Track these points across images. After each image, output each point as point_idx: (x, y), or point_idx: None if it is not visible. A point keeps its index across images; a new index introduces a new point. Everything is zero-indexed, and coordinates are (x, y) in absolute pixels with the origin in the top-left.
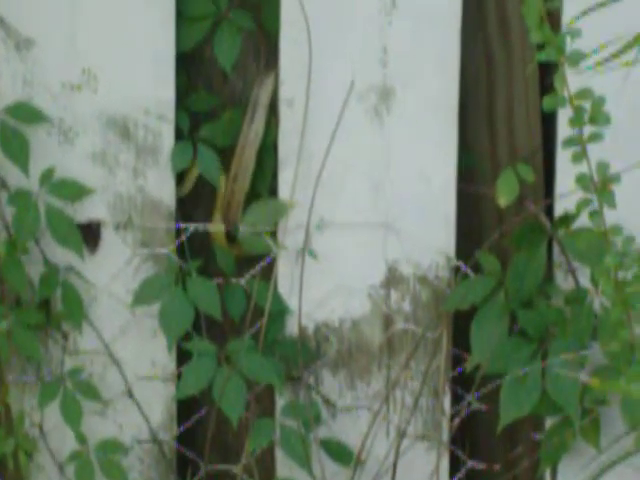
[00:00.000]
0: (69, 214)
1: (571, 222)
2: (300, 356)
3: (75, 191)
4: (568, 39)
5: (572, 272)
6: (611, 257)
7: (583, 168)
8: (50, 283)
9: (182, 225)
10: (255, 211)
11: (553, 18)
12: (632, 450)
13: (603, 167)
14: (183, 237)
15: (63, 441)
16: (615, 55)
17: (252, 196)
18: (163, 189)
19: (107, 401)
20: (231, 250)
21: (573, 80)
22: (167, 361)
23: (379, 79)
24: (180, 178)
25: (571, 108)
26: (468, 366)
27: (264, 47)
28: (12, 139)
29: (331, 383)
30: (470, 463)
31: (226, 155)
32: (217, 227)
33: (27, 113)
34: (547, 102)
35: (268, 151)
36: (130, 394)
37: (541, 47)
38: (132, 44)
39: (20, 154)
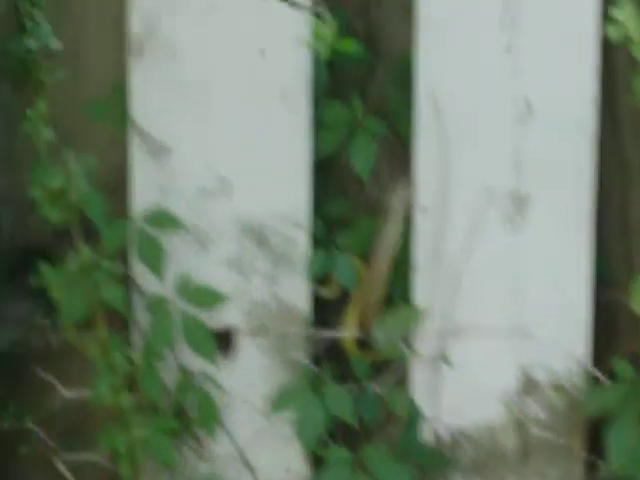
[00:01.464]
0: (204, 321)
1: None
2: (434, 463)
3: (210, 298)
4: None
5: None
6: None
7: None
8: (185, 390)
9: (317, 331)
10: (390, 317)
11: None
12: None
13: None
14: (318, 343)
15: None
16: None
17: (387, 302)
18: (298, 295)
19: None
20: (365, 356)
21: None
22: (302, 467)
23: (513, 186)
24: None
25: None
26: (604, 473)
27: (399, 154)
28: (148, 246)
29: None
30: None
31: (361, 261)
32: (351, 333)
33: (163, 220)
34: None
35: (403, 257)
36: None
37: None
38: (268, 151)
39: (156, 261)
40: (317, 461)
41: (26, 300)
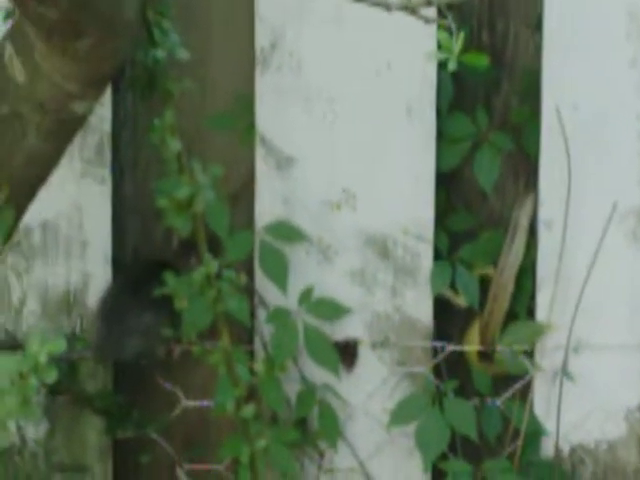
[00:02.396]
0: (326, 333)
1: None
2: (556, 478)
3: (333, 311)
4: None
5: None
6: None
7: None
8: (307, 401)
9: (439, 344)
10: (513, 331)
11: None
12: None
13: None
14: (440, 356)
15: None
16: None
17: (510, 316)
18: (421, 308)
19: None
20: (486, 369)
21: None
22: None
23: (638, 202)
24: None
25: None
26: None
27: (523, 168)
28: (271, 258)
29: None
30: None
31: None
32: (474, 347)
33: (287, 232)
34: None
35: (527, 272)
36: None
37: None
38: (392, 163)
39: (279, 273)
40: (438, 474)
41: (151, 311)
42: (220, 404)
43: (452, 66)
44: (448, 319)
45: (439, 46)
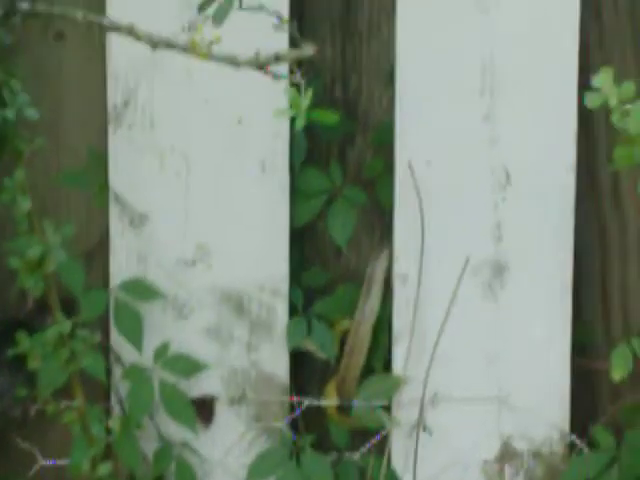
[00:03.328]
0: (183, 389)
1: None
2: None
3: (189, 366)
4: None
5: None
6: None
7: None
8: (164, 459)
9: (296, 399)
10: (370, 386)
11: None
12: None
13: None
14: (297, 411)
15: None
16: None
17: (367, 370)
18: (277, 363)
19: None
20: (344, 424)
21: None
22: None
23: (493, 254)
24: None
25: None
26: None
27: (378, 222)
28: (126, 316)
29: None
30: None
31: (340, 330)
32: (331, 401)
33: (142, 289)
34: None
35: (383, 326)
36: None
37: None
38: (246, 219)
39: (133, 331)
40: None
41: (5, 371)
42: (76, 463)
43: (300, 123)
44: (305, 374)
45: (289, 103)
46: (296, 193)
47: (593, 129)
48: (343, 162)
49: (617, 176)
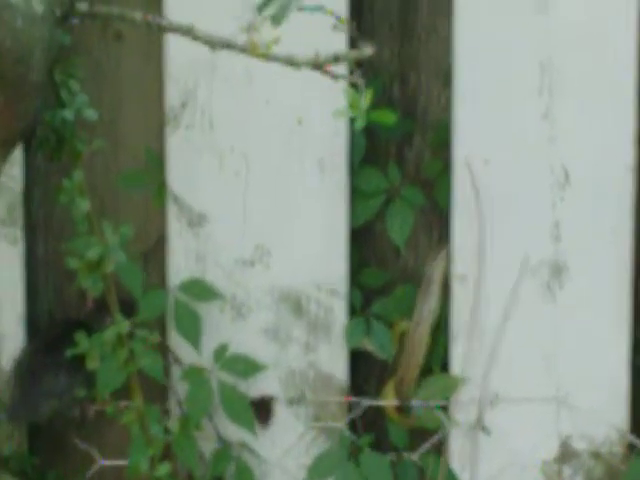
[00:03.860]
0: (242, 390)
1: None
2: None
3: (248, 367)
4: None
5: None
6: None
7: None
8: (223, 459)
9: (355, 399)
10: (428, 386)
11: None
12: None
13: None
14: (356, 411)
15: None
16: None
17: (425, 371)
18: (335, 364)
19: None
20: (403, 424)
21: None
22: None
23: (551, 254)
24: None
25: None
26: None
27: (436, 222)
28: (185, 316)
29: None
30: None
31: (396, 329)
32: (390, 402)
33: (200, 289)
34: None
35: (441, 326)
36: None
37: None
38: (305, 219)
39: (192, 331)
40: None
41: (65, 371)
42: (134, 464)
43: (360, 124)
44: (364, 374)
45: (348, 104)
46: (354, 193)
47: None
48: (401, 162)
49: None
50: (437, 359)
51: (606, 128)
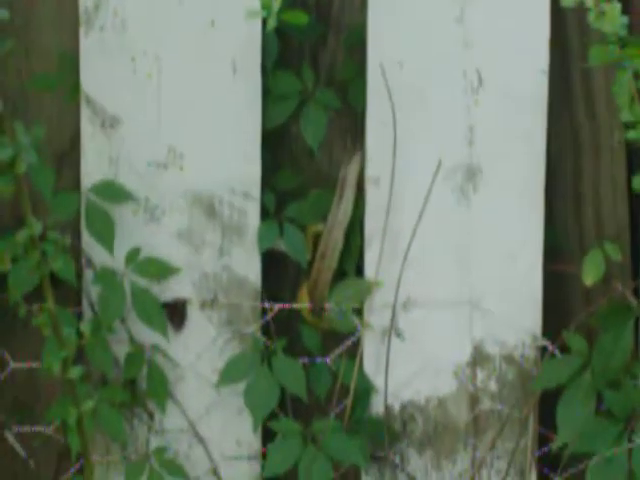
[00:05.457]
0: (155, 293)
1: None
2: (386, 435)
3: (161, 270)
4: None
5: None
6: None
7: None
8: (136, 362)
9: (268, 303)
10: (341, 290)
11: None
12: None
13: None
14: (269, 315)
15: None
16: None
17: (339, 274)
18: (249, 267)
19: None
20: (317, 327)
21: None
22: (252, 440)
23: (465, 158)
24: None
25: None
26: (554, 446)
27: (350, 125)
28: (97, 218)
29: (417, 463)
30: None
31: (310, 232)
32: (303, 305)
33: (113, 192)
34: (637, 182)
35: (355, 229)
36: (215, 473)
37: (630, 126)
38: (218, 122)
39: (105, 233)
40: (268, 434)
41: None
42: (47, 366)
43: (271, 24)
44: (279, 278)
45: (260, 4)
46: (268, 95)
47: (567, 34)
48: (316, 65)
49: (590, 80)
50: (351, 263)
51: (520, 32)
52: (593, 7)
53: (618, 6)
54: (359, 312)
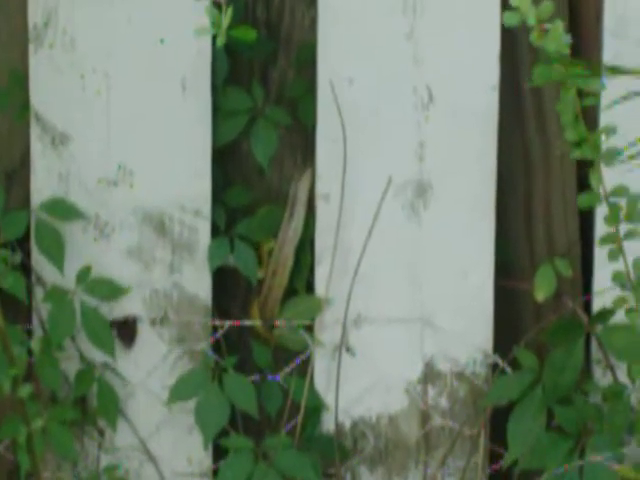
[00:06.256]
0: (105, 310)
1: (609, 318)
2: (337, 452)
3: (111, 290)
4: (603, 136)
5: (611, 368)
6: None
7: (620, 265)
8: (86, 380)
9: (218, 321)
10: (292, 307)
11: (589, 114)
12: None
13: None
14: (219, 333)
15: None
16: None
17: (289, 291)
18: (199, 284)
19: None
20: (267, 344)
21: (609, 175)
22: (203, 457)
23: (415, 174)
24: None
25: (607, 206)
26: (505, 462)
27: (301, 142)
28: (47, 236)
29: None
30: None
31: (262, 249)
32: (253, 322)
33: (62, 209)
34: (582, 200)
35: (305, 246)
36: None
37: (578, 144)
38: (169, 139)
39: (55, 251)
40: (219, 452)
41: None
42: None
43: (220, 41)
44: (229, 295)
45: (210, 22)
46: (218, 112)
47: (517, 50)
48: (265, 82)
49: (541, 97)
50: (301, 280)
51: (471, 48)
52: (535, 27)
53: (561, 24)
54: (310, 329)
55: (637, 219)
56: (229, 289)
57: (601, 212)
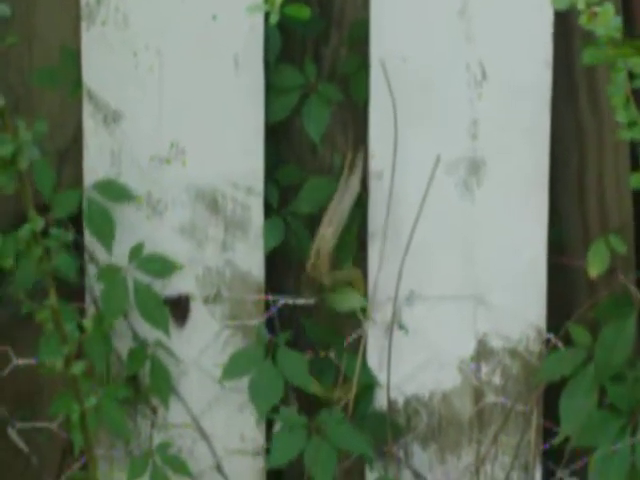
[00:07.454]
0: (157, 289)
1: None
2: (389, 430)
3: (163, 267)
4: None
5: None
6: None
7: None
8: (138, 358)
9: (271, 297)
10: (346, 283)
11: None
12: None
13: None
14: (272, 309)
15: None
16: None
17: (342, 268)
18: (252, 261)
19: (196, 475)
20: (318, 281)
21: None
22: (256, 434)
23: (469, 152)
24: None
25: None
26: (557, 440)
27: (353, 119)
28: (98, 216)
29: (421, 457)
30: None
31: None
32: (306, 300)
33: (114, 190)
34: (635, 180)
35: (356, 224)
36: (219, 468)
37: (628, 125)
38: (221, 116)
39: (105, 232)
40: (272, 428)
41: None
42: (48, 362)
43: (274, 18)
44: (281, 271)
45: None
46: (270, 89)
47: (570, 26)
48: (318, 59)
49: (593, 73)
50: (354, 257)
51: (523, 24)
52: (584, 10)
53: (611, 8)
54: (363, 306)
55: None
56: (281, 265)
57: None
